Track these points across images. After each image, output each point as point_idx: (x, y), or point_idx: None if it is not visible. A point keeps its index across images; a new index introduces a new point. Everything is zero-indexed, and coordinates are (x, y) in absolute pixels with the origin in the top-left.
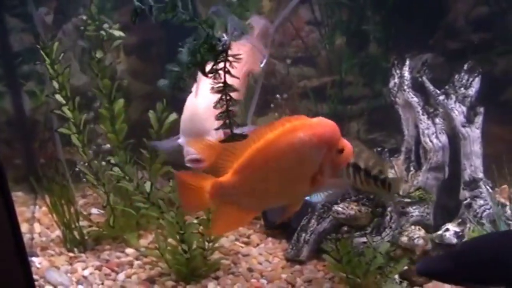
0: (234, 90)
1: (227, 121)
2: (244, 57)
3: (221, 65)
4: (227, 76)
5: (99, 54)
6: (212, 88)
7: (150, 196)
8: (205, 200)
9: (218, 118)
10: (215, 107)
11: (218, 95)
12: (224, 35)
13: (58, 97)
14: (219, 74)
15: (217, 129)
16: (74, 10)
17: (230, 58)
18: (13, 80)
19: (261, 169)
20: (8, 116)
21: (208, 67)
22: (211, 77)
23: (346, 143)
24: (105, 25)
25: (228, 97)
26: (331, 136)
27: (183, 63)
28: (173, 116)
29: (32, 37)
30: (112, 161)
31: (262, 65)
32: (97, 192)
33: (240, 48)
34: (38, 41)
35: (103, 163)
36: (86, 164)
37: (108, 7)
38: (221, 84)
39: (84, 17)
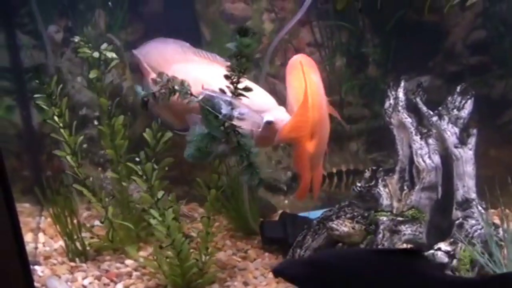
0: None
1: None
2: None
3: None
4: None
5: (92, 74)
6: None
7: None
8: None
9: None
10: None
11: None
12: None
13: (56, 120)
14: None
15: None
16: (83, 29)
17: None
18: (22, 95)
19: None
20: (17, 129)
21: None
22: None
23: None
24: (103, 46)
25: None
26: None
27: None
28: (168, 135)
29: (42, 54)
30: (108, 175)
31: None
32: (95, 207)
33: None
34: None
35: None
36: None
37: (116, 26)
38: None
39: (77, 39)
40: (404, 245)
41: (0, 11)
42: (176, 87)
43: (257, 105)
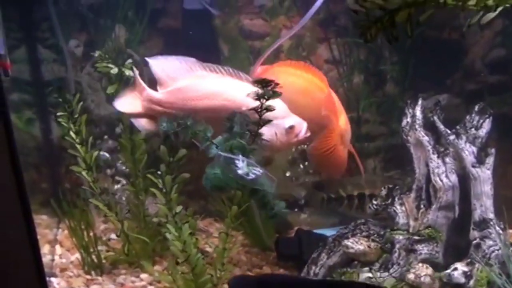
0: None
1: None
2: None
3: None
4: None
5: (110, 90)
6: None
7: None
8: None
9: None
10: None
11: None
12: None
13: (72, 136)
14: None
15: None
16: (103, 43)
17: None
18: (43, 108)
19: None
20: (37, 141)
21: None
22: None
23: None
24: (127, 61)
25: None
26: None
27: None
28: (183, 151)
29: (63, 68)
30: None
31: None
32: (111, 220)
33: None
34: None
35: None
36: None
37: (135, 41)
38: None
39: (97, 54)
40: (420, 265)
41: (22, 25)
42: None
43: (275, 113)
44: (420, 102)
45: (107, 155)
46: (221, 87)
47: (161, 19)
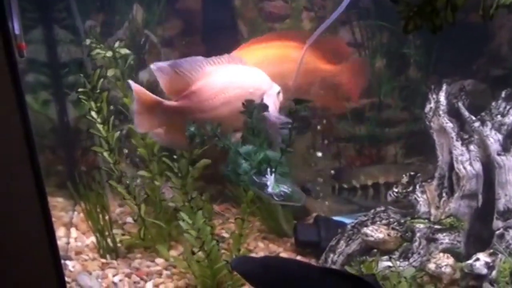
0: None
1: None
2: None
3: None
4: None
5: (110, 73)
6: None
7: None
8: None
9: None
10: None
11: None
12: None
13: (93, 115)
14: None
15: None
16: (120, 24)
17: None
18: (59, 90)
19: None
20: (53, 123)
21: None
22: None
23: None
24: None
25: None
26: None
27: None
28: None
29: (79, 49)
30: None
31: None
32: (128, 204)
33: None
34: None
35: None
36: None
37: (153, 22)
38: None
39: (88, 42)
40: (441, 255)
41: (38, 5)
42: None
43: (264, 85)
44: (444, 87)
45: None
46: (229, 77)
47: (180, 0)
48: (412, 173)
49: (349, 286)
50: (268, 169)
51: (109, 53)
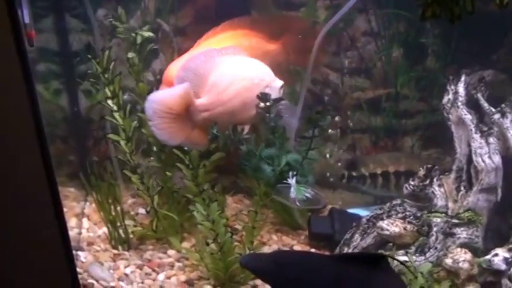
0: None
1: None
2: None
3: None
4: None
5: (130, 55)
6: None
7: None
8: None
9: None
10: None
11: None
12: None
13: (109, 103)
14: None
15: None
16: (132, 13)
17: None
18: (70, 79)
19: None
20: (64, 113)
21: None
22: None
23: None
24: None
25: None
26: None
27: None
28: None
29: (91, 37)
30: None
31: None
32: (142, 195)
33: None
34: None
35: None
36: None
37: (165, 11)
38: None
39: (110, 19)
40: (458, 250)
41: None
42: None
43: (268, 78)
44: (463, 78)
45: None
46: (236, 69)
47: None
48: (429, 166)
49: (366, 268)
50: (290, 173)
51: (133, 35)
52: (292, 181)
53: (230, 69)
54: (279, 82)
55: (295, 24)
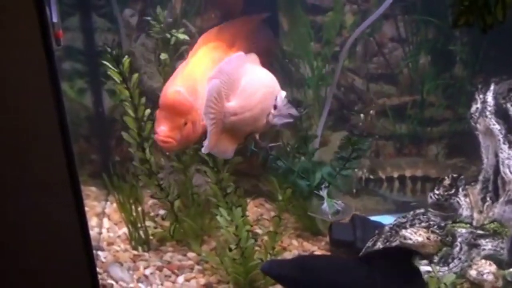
0: None
1: None
2: None
3: None
4: None
5: (163, 56)
6: None
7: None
8: None
9: None
10: None
11: None
12: None
13: (126, 105)
14: None
15: None
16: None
17: None
18: (95, 78)
19: None
20: (88, 112)
21: None
22: None
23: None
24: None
25: None
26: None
27: None
28: None
29: (116, 37)
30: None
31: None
32: (161, 201)
33: None
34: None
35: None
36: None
37: (191, 12)
38: None
39: (149, 18)
40: (483, 261)
41: None
42: None
43: (274, 84)
44: (492, 87)
45: None
46: (258, 76)
47: None
48: (455, 175)
49: (389, 263)
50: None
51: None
52: (324, 194)
53: (255, 76)
54: (284, 92)
55: (243, 27)
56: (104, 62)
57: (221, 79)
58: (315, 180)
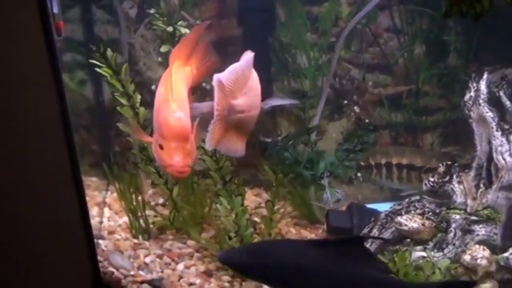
0: None
1: None
2: None
3: None
4: None
5: (163, 49)
6: None
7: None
8: None
9: None
10: None
11: None
12: None
13: (118, 98)
14: None
15: None
16: (157, 5)
17: None
18: (95, 69)
19: None
20: (88, 103)
21: None
22: None
23: (171, 154)
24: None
25: None
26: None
27: None
28: None
29: (116, 29)
30: None
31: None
32: (160, 188)
33: None
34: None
35: None
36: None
37: (189, 4)
38: None
39: (152, 11)
40: (477, 246)
41: None
42: None
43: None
44: (485, 75)
45: None
46: (256, 76)
47: None
48: (449, 163)
49: (343, 251)
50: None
51: (170, 29)
52: (326, 183)
53: (256, 77)
54: None
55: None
56: (92, 61)
57: (230, 78)
58: (319, 170)
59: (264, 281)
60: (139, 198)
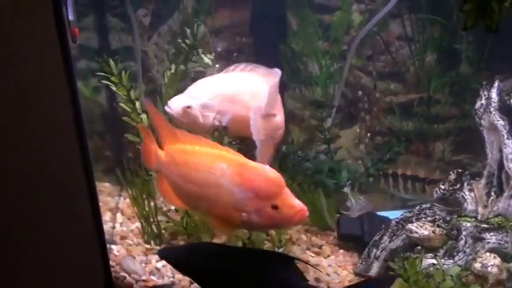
0: None
1: None
2: None
3: None
4: None
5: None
6: None
7: None
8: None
9: None
10: None
11: None
12: None
13: (124, 106)
14: None
15: None
16: (170, 13)
17: None
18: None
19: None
20: (102, 109)
21: None
22: None
23: (290, 203)
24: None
25: None
26: (260, 186)
27: None
28: None
29: (130, 37)
30: None
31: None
32: None
33: None
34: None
35: None
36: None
37: (202, 12)
38: None
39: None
40: (487, 254)
41: None
42: None
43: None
44: (496, 83)
45: None
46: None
47: None
48: (460, 170)
49: (274, 264)
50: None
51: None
52: (348, 191)
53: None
54: None
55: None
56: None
57: (268, 101)
58: (341, 179)
59: (195, 281)
60: (152, 203)
